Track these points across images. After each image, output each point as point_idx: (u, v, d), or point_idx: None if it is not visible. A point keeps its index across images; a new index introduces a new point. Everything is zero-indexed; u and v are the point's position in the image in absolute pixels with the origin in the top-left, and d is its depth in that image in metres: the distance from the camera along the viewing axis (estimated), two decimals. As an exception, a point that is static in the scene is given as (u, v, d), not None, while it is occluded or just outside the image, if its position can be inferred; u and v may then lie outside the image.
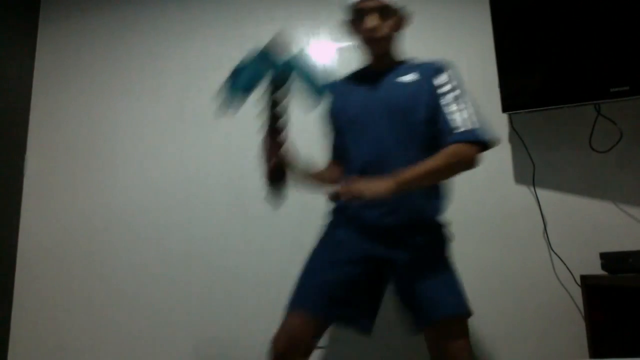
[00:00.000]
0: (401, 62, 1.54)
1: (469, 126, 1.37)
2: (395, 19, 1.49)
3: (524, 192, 2.03)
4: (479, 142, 1.37)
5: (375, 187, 1.24)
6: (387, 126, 1.43)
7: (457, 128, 1.37)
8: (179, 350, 2.06)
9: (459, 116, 1.38)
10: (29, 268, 2.21)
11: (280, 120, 1.39)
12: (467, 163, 1.37)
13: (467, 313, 1.43)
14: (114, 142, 2.29)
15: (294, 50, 1.39)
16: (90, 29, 2.41)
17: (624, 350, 1.72)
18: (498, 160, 2.06)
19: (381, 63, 1.52)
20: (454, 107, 1.40)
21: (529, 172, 2.03)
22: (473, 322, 1.95)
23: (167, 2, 2.40)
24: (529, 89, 1.93)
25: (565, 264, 1.93)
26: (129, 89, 2.33)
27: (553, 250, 1.96)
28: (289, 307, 1.41)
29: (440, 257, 1.45)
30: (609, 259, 1.73)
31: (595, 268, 1.81)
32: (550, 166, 2.02)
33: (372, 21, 1.44)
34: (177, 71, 2.32)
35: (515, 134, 2.06)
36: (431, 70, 1.47)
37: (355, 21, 1.49)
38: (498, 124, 2.08)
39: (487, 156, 2.07)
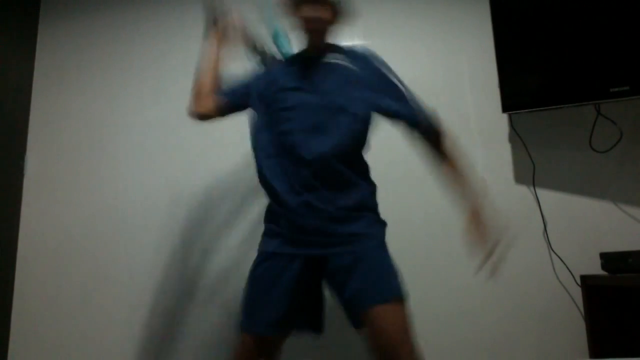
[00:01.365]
0: (333, 48, 1.53)
1: (422, 109, 1.49)
2: (334, 11, 1.48)
3: (524, 192, 2.03)
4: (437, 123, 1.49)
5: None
6: (317, 113, 1.41)
7: (415, 111, 1.47)
8: (179, 350, 2.06)
9: (410, 100, 1.48)
10: (29, 268, 2.21)
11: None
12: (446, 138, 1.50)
13: (396, 297, 1.36)
14: (114, 142, 2.29)
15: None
16: (90, 29, 2.41)
17: (624, 350, 1.72)
18: (498, 160, 2.07)
19: (315, 50, 1.51)
20: (400, 92, 1.49)
21: (529, 172, 2.03)
22: (473, 322, 1.96)
23: (167, 2, 2.40)
24: (529, 89, 1.93)
25: (565, 264, 1.93)
26: (129, 88, 2.33)
27: (553, 250, 1.96)
28: (242, 328, 1.40)
29: (371, 245, 1.40)
30: (609, 259, 1.73)
31: (595, 268, 1.81)
32: (550, 166, 2.03)
33: (311, 11, 1.43)
34: (178, 71, 2.32)
35: (515, 134, 2.06)
36: (362, 58, 1.50)
37: (296, 5, 1.47)
38: (498, 124, 2.09)
39: (487, 156, 2.09)
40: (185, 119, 1.98)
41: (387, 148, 2.13)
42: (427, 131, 1.49)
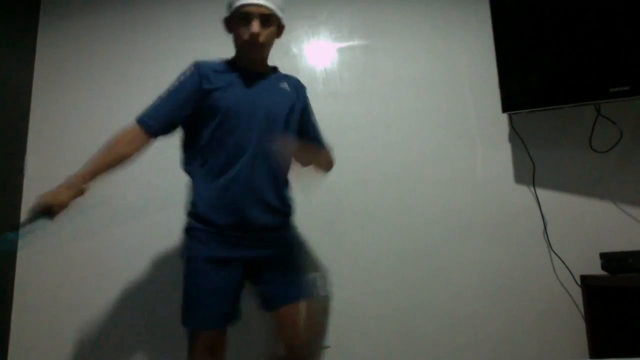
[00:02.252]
0: (272, 69, 1.65)
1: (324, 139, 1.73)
2: (275, 27, 1.56)
3: (524, 192, 2.03)
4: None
5: None
6: (262, 128, 1.51)
7: (323, 141, 1.72)
8: (179, 350, 2.06)
9: (319, 131, 1.72)
10: (29, 268, 2.21)
11: None
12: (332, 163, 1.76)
13: (306, 298, 1.58)
14: (114, 142, 2.29)
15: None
16: (90, 29, 2.41)
17: (624, 350, 1.72)
18: (498, 160, 2.07)
19: (256, 66, 1.59)
20: (316, 124, 1.72)
21: (529, 172, 2.03)
22: (473, 322, 1.96)
23: (167, 2, 2.40)
24: (529, 89, 1.93)
25: (565, 264, 1.93)
26: (129, 88, 2.33)
27: (553, 250, 1.96)
28: (196, 326, 1.50)
29: (293, 251, 1.61)
30: (609, 259, 1.73)
31: (595, 268, 1.81)
32: (550, 166, 2.02)
33: (255, 27, 1.49)
34: (178, 71, 2.31)
35: (515, 134, 2.06)
36: (299, 86, 1.67)
37: (236, 22, 1.52)
38: (498, 124, 2.09)
39: (487, 156, 2.09)
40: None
41: (389, 150, 2.13)
42: None
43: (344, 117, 2.16)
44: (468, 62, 2.16)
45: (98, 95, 2.34)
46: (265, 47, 1.56)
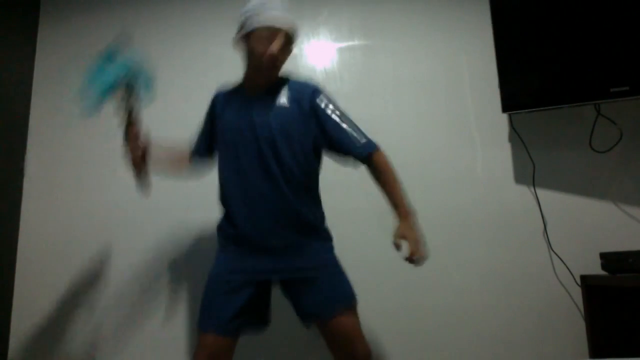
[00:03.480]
0: (280, 81, 1.57)
1: (365, 137, 1.53)
2: (291, 46, 1.54)
3: (524, 192, 2.03)
4: (378, 148, 1.54)
5: (418, 237, 1.43)
6: (261, 148, 1.47)
7: (359, 141, 1.51)
8: (180, 350, 2.06)
9: (353, 132, 1.52)
10: (29, 268, 2.21)
11: (134, 114, 1.54)
12: (391, 166, 1.54)
13: (354, 303, 1.51)
14: (114, 142, 2.29)
15: (129, 49, 1.60)
16: (90, 29, 2.41)
17: (624, 350, 1.72)
18: (498, 160, 2.07)
19: (265, 82, 1.55)
20: (344, 125, 1.52)
21: (529, 172, 2.03)
22: (473, 322, 1.96)
23: (167, 2, 2.40)
24: (529, 89, 1.93)
25: (565, 264, 1.93)
26: (129, 89, 2.33)
27: (553, 250, 1.96)
28: (201, 328, 1.48)
29: (328, 259, 1.53)
30: (609, 259, 1.73)
31: (595, 268, 1.81)
32: (550, 166, 2.03)
33: (277, 46, 1.45)
34: (178, 71, 2.32)
35: (515, 134, 2.06)
36: (304, 94, 1.53)
37: (255, 40, 1.47)
38: (498, 124, 2.09)
39: (487, 156, 2.09)
40: (185, 119, 1.98)
41: (389, 150, 2.13)
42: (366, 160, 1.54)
43: (344, 117, 2.16)
44: (468, 62, 2.16)
45: (98, 95, 2.34)
46: (280, 67, 1.54)
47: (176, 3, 2.39)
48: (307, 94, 1.53)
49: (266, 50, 1.45)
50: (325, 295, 1.46)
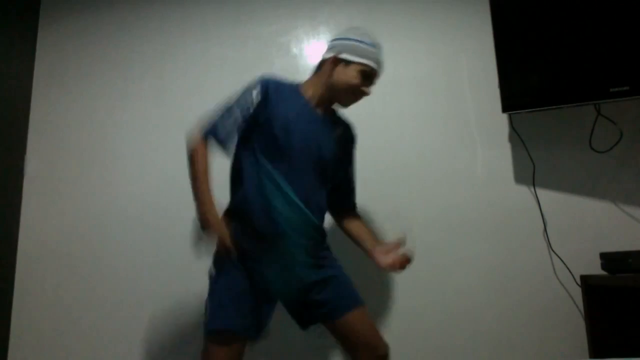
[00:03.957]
0: (334, 110, 1.66)
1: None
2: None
3: (524, 192, 2.03)
4: None
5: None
6: (317, 167, 1.53)
7: (354, 200, 1.73)
8: (180, 350, 2.06)
9: (354, 190, 1.72)
10: (29, 268, 2.21)
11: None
12: None
13: (362, 303, 1.56)
14: (114, 143, 2.29)
15: None
16: (90, 30, 2.41)
17: (624, 350, 1.72)
18: (498, 160, 2.07)
19: (332, 107, 1.63)
20: (354, 182, 1.72)
21: (529, 172, 2.03)
22: (473, 322, 1.96)
23: (167, 2, 2.40)
24: (529, 89, 1.93)
25: (565, 264, 1.93)
26: (129, 89, 2.33)
27: (553, 250, 1.96)
28: (220, 329, 1.47)
29: (334, 263, 1.60)
30: (609, 259, 1.72)
31: (595, 268, 1.81)
32: (550, 166, 2.02)
33: (370, 87, 1.57)
34: (178, 71, 2.32)
35: (515, 134, 2.06)
36: (350, 137, 1.68)
37: (358, 70, 1.54)
38: (498, 124, 2.09)
39: (487, 156, 2.09)
40: (185, 119, 1.98)
41: (389, 150, 2.13)
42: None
43: (344, 117, 2.16)
44: (468, 62, 2.16)
45: (98, 96, 2.34)
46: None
47: (176, 3, 2.39)
48: (351, 139, 1.68)
49: (360, 85, 1.54)
50: (340, 294, 1.52)
